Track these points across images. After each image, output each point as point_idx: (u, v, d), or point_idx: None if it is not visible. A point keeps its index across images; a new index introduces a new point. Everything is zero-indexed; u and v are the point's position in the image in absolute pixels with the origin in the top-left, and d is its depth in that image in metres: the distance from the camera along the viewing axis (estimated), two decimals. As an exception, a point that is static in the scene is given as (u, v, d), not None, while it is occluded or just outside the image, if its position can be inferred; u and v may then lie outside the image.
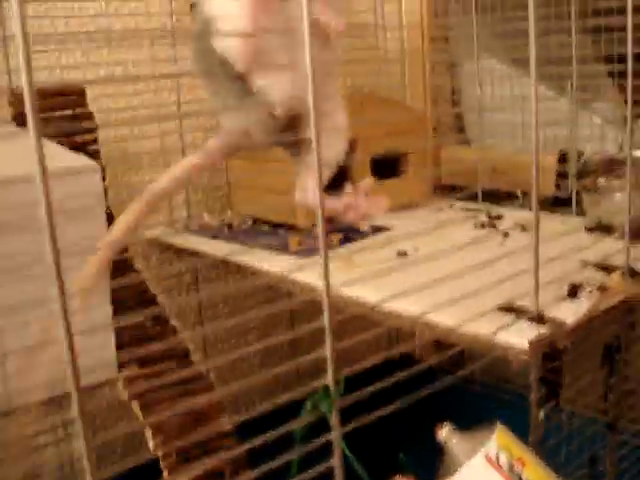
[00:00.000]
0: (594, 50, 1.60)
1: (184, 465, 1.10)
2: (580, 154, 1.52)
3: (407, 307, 0.94)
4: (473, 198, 1.51)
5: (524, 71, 1.72)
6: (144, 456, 0.76)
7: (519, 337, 0.84)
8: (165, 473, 1.08)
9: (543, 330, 0.85)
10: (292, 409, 0.73)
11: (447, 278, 0.90)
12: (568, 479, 1.06)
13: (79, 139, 1.22)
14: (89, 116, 1.24)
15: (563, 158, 1.54)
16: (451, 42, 1.82)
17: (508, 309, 0.90)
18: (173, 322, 1.25)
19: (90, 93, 1.24)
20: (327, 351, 0.72)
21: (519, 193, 1.49)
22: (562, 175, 1.53)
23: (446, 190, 1.66)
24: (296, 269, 1.10)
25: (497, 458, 0.73)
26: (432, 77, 1.77)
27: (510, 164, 1.56)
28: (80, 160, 1.00)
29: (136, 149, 1.36)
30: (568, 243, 1.09)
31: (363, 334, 0.76)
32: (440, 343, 1.39)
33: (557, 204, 1.42)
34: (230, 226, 1.39)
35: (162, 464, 1.08)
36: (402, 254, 1.13)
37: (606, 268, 1.04)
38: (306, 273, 1.02)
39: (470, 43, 1.61)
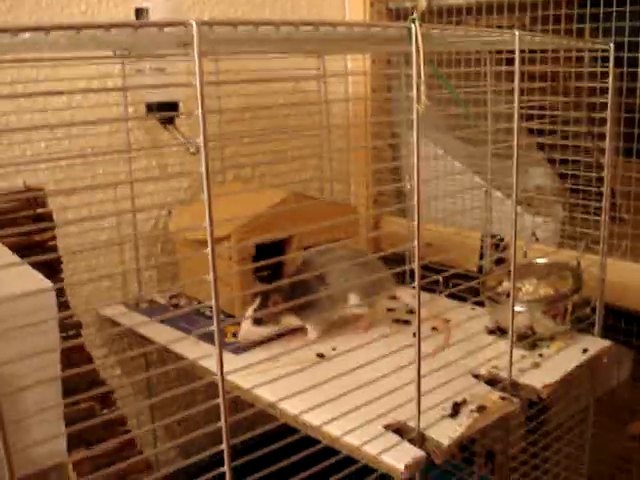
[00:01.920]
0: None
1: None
2: (500, 240, 1.68)
3: (306, 417, 1.09)
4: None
5: (458, 151, 1.88)
6: None
7: (397, 460, 0.99)
8: None
9: (420, 453, 1.01)
10: None
11: (350, 388, 1.06)
12: None
13: (38, 237, 1.37)
14: (49, 215, 1.38)
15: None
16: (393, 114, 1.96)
17: (395, 430, 1.06)
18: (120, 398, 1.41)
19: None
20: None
21: (441, 280, 1.64)
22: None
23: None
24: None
25: None
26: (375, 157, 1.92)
27: (442, 240, 1.72)
28: (34, 280, 1.14)
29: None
30: (466, 347, 1.25)
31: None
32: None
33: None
34: (176, 306, 1.54)
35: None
36: (320, 356, 1.28)
37: (492, 381, 1.20)
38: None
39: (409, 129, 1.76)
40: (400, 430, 1.06)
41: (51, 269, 1.37)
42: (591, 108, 1.49)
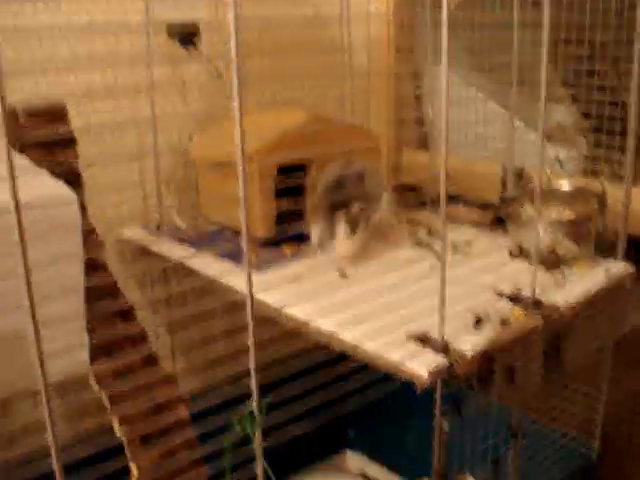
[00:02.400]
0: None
1: (145, 446, 1.28)
2: (520, 170, 1.67)
3: (329, 326, 1.09)
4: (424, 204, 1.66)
5: (482, 84, 1.85)
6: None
7: (420, 366, 0.99)
8: (128, 455, 1.25)
9: (443, 361, 1.01)
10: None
11: (373, 302, 1.06)
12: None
13: (60, 154, 1.37)
14: (70, 132, 1.37)
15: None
16: (415, 52, 1.94)
17: (418, 338, 1.06)
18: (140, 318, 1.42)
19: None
20: (252, 383, 0.89)
21: (461, 206, 1.63)
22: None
23: (404, 190, 1.81)
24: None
25: None
26: (397, 85, 1.90)
27: (463, 172, 1.70)
28: (59, 190, 1.15)
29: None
30: (488, 268, 1.25)
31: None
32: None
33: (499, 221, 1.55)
34: (198, 229, 1.54)
35: (127, 448, 1.25)
36: (343, 275, 1.28)
37: (515, 299, 1.19)
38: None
39: (432, 56, 1.75)
40: (423, 340, 1.06)
41: (73, 186, 1.37)
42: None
